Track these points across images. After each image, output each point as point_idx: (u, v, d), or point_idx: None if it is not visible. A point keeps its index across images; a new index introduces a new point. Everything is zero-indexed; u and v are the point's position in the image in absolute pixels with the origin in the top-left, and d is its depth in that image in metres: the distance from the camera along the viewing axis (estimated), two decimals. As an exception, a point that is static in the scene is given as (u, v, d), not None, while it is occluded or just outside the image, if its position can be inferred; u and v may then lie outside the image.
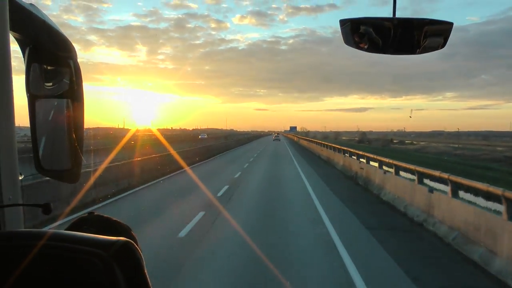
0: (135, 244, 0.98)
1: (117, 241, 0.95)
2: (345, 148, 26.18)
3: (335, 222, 10.46)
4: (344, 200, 14.08)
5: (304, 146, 60.78)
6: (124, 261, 0.92)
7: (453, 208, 9.27)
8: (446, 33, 1.31)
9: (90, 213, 1.17)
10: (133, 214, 11.49)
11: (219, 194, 14.64)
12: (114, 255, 0.91)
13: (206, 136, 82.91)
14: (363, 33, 1.31)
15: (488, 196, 13.45)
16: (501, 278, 6.75)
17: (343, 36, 1.35)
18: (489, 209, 10.60)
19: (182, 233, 9.22)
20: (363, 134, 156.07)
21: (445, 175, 9.90)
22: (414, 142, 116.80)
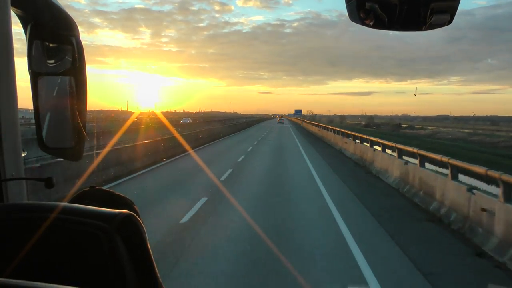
0: (137, 217, 0.99)
1: (120, 213, 0.96)
2: (366, 137, 22.26)
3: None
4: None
5: (314, 133, 50.36)
6: (127, 233, 0.93)
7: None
8: (453, 10, 1.28)
9: (92, 187, 1.18)
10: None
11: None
12: (117, 227, 0.92)
13: (189, 121, 70.27)
14: (369, 10, 1.28)
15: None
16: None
17: (348, 13, 1.33)
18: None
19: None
20: (370, 118, 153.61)
21: (496, 174, 8.28)
22: (424, 127, 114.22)
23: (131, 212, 0.98)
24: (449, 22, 1.33)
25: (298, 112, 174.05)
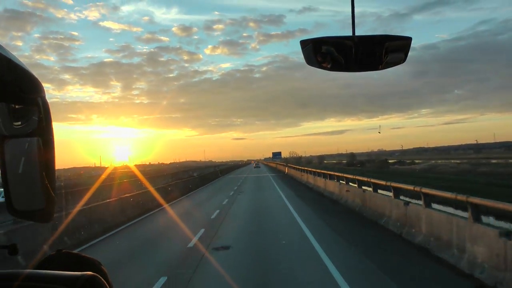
0: (101, 279, 0.96)
1: (82, 276, 0.93)
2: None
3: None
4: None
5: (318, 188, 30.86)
6: None
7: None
8: (406, 48, 1.36)
9: (58, 250, 1.15)
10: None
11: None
12: None
13: None
14: (325, 53, 1.33)
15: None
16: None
17: (305, 57, 1.38)
18: None
19: None
20: (352, 156, 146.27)
21: None
22: (414, 161, 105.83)
23: (95, 274, 0.96)
24: (404, 60, 1.38)
25: (277, 154, 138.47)
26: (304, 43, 1.36)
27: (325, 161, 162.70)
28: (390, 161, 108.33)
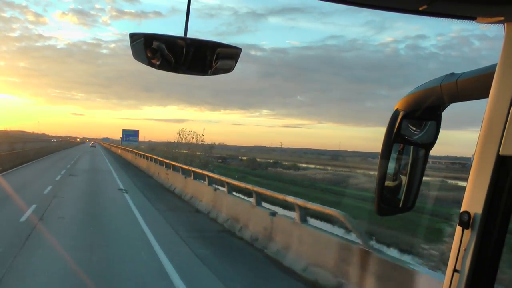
0: None
1: None
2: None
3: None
4: None
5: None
6: None
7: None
8: (236, 57, 1.37)
9: None
10: None
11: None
12: None
13: None
14: (156, 49, 1.28)
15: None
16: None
17: (133, 52, 1.33)
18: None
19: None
20: (209, 148, 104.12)
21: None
22: (290, 164, 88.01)
23: None
24: (233, 68, 1.40)
25: (131, 135, 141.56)
26: (134, 37, 1.31)
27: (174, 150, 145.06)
28: (259, 160, 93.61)
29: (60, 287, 7.91)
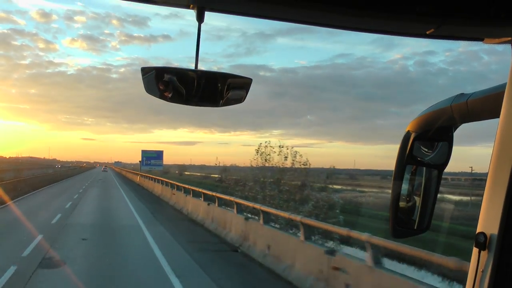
0: None
1: None
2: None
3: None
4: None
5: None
6: None
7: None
8: (247, 87, 1.40)
9: None
10: None
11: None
12: None
13: None
14: (167, 82, 1.31)
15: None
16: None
17: (145, 85, 1.37)
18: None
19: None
20: (224, 170, 77.18)
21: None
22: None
23: None
24: (244, 98, 1.42)
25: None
26: (145, 70, 1.34)
27: (186, 172, 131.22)
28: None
29: None
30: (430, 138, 1.43)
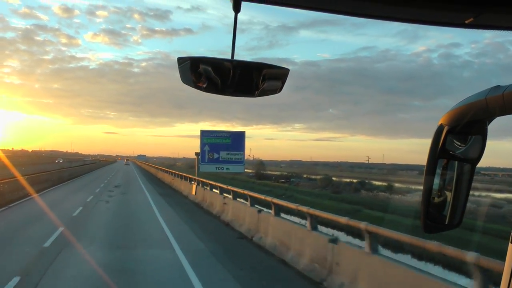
0: None
1: None
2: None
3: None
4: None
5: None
6: None
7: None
8: (284, 78, 1.41)
9: None
10: None
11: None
12: None
13: None
14: (202, 72, 1.34)
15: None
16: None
17: (180, 75, 1.40)
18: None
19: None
20: (260, 164, 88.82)
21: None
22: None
23: None
24: (280, 89, 1.43)
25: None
26: (181, 60, 1.37)
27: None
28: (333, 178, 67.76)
29: None
30: (464, 131, 1.41)
